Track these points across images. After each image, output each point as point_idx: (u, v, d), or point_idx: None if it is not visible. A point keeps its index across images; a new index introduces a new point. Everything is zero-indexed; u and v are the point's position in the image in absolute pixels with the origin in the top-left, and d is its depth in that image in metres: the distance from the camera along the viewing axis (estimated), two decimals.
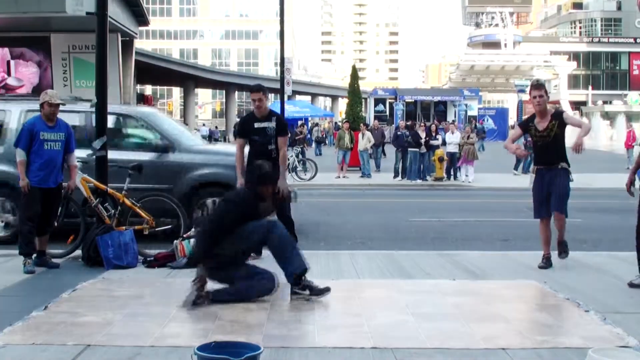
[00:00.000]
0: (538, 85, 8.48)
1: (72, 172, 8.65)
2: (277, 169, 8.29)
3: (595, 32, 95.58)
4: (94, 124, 9.48)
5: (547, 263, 8.37)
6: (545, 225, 8.49)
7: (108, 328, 5.65)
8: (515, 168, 25.75)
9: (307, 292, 6.64)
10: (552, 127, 8.23)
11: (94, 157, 9.23)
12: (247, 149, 8.80)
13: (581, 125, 8.34)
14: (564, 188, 8.27)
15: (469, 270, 8.24)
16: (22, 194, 8.13)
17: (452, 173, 23.69)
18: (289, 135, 12.07)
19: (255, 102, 8.44)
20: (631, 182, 7.74)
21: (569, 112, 8.63)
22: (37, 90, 25.18)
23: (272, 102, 63.64)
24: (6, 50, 29.90)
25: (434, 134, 24.25)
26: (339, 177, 24.44)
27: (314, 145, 43.55)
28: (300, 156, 25.26)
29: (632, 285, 7.29)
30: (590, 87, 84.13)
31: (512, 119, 68.21)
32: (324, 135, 51.59)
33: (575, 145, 8.02)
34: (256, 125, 8.49)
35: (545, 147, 8.30)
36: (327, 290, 6.65)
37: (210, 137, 50.27)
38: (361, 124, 28.28)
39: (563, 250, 8.46)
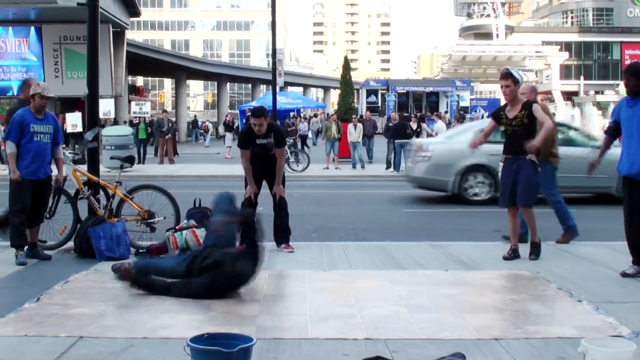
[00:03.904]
0: (505, 75, 8.18)
1: (59, 165, 8.62)
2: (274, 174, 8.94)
3: (587, 22, 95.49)
4: None
5: (512, 255, 8.25)
6: (512, 215, 8.35)
7: (101, 320, 5.64)
8: None
9: None
10: (522, 117, 8.04)
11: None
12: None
13: (543, 123, 7.99)
14: (529, 182, 8.09)
15: (462, 261, 8.24)
16: (11, 186, 8.11)
17: None
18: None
19: (255, 126, 8.71)
20: (593, 165, 7.84)
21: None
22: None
23: (264, 94, 63.63)
24: None
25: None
26: (327, 167, 24.45)
27: (310, 134, 43.08)
28: (292, 148, 25.24)
29: (625, 274, 7.30)
30: (582, 77, 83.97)
31: None
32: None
33: (529, 145, 7.85)
34: (258, 141, 8.85)
35: (514, 137, 8.13)
36: None
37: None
38: (353, 116, 28.24)
39: (534, 252, 8.27)
